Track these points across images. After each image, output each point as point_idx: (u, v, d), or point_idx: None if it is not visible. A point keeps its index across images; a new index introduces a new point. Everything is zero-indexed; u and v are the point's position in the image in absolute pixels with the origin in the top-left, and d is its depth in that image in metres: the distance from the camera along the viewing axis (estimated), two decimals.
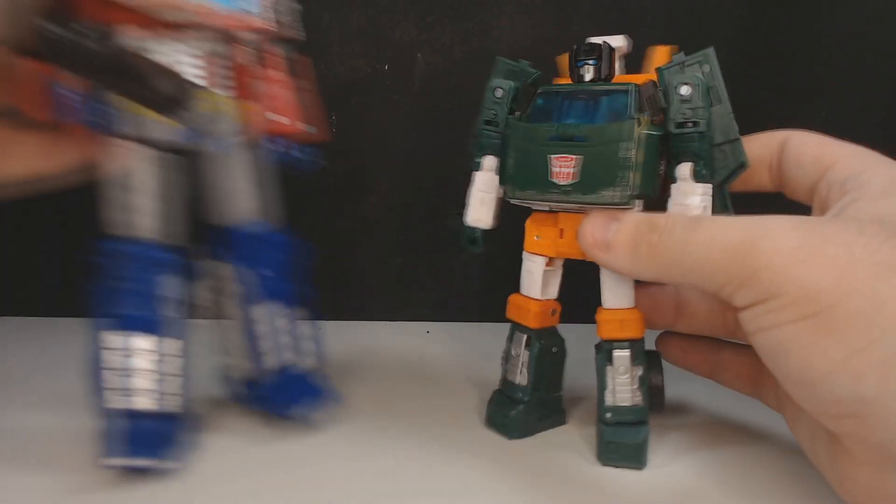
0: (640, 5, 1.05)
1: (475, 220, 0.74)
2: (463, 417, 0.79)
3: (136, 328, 0.61)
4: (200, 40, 0.62)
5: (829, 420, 0.54)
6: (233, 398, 0.77)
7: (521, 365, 0.74)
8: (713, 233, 0.57)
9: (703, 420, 0.80)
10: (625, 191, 0.63)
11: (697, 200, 0.64)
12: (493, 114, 0.73)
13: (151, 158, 0.63)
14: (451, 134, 0.79)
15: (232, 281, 0.70)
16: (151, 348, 0.62)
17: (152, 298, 0.62)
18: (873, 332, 0.48)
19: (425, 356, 0.99)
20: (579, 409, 0.81)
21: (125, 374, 0.61)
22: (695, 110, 0.64)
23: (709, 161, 0.65)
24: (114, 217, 0.62)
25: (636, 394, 0.69)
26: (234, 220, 0.70)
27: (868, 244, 0.50)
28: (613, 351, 0.69)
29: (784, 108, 1.06)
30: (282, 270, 0.71)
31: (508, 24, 1.07)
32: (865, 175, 0.58)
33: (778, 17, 1.04)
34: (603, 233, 0.64)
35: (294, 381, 0.73)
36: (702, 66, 0.66)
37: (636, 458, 0.67)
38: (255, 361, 0.72)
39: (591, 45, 0.68)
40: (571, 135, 0.65)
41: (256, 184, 0.71)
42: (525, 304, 0.73)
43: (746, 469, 0.68)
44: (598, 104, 0.66)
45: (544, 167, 0.66)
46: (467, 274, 1.14)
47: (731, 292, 0.55)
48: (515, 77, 0.73)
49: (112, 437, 0.60)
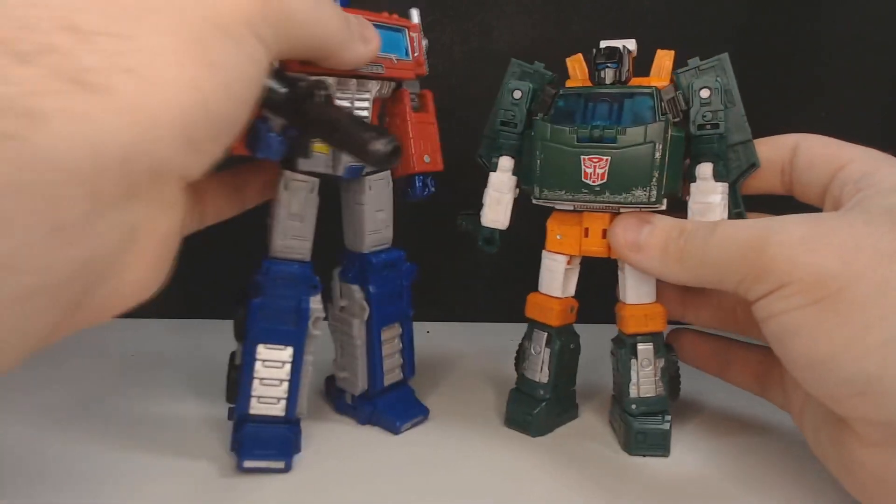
0: (640, 5, 1.07)
1: (492, 221, 0.75)
2: (481, 416, 0.80)
3: (287, 342, 0.67)
4: (375, 86, 0.68)
5: (835, 403, 0.56)
6: (339, 410, 0.80)
7: (541, 363, 0.75)
8: (729, 233, 0.60)
9: (717, 409, 0.83)
10: (655, 190, 0.66)
11: (718, 199, 0.67)
12: (512, 115, 0.73)
13: (312, 188, 0.68)
14: (451, 134, 0.79)
15: (361, 302, 0.74)
16: (291, 360, 0.67)
17: (302, 315, 0.67)
18: (877, 313, 0.51)
19: (429, 355, 0.99)
20: (584, 402, 0.83)
21: (272, 383, 0.67)
22: (714, 113, 0.67)
23: (726, 161, 0.68)
24: (275, 241, 0.67)
25: (658, 385, 0.72)
26: (370, 247, 0.75)
27: (873, 233, 0.53)
28: (638, 345, 0.71)
29: (784, 108, 1.07)
30: (406, 295, 0.78)
31: (509, 24, 1.08)
32: (878, 174, 0.61)
33: (778, 17, 1.07)
34: (635, 235, 0.66)
35: (403, 399, 0.79)
36: (717, 70, 0.69)
37: (662, 446, 0.70)
38: (373, 379, 0.76)
39: (610, 48, 0.70)
40: (601, 136, 0.67)
41: (390, 213, 0.75)
42: (546, 303, 0.74)
43: (763, 456, 0.71)
44: (623, 106, 0.68)
45: (576, 168, 0.67)
46: (470, 274, 1.15)
47: (747, 287, 0.58)
48: (530, 79, 0.75)
49: (251, 441, 0.65)
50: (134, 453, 0.69)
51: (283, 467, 0.66)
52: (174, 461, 0.67)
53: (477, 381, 0.90)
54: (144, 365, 0.92)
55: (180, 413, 0.78)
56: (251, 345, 0.66)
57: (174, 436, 0.72)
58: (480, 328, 1.11)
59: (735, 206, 0.70)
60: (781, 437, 0.76)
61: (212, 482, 0.64)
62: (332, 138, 0.58)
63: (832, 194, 0.66)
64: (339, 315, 0.76)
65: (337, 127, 0.56)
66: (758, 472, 0.68)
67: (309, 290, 0.67)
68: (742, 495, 0.64)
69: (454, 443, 0.73)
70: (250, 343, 0.66)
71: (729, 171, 0.68)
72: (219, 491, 0.63)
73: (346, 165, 0.68)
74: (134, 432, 0.73)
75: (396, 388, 0.79)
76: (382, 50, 0.67)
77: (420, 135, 0.74)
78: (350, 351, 0.76)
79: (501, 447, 0.72)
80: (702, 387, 0.88)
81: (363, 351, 0.75)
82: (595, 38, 0.72)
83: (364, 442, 0.73)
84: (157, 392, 0.83)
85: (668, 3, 1.06)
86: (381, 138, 0.54)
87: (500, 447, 0.72)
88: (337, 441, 0.73)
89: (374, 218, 0.74)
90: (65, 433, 0.72)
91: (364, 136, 0.54)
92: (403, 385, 0.80)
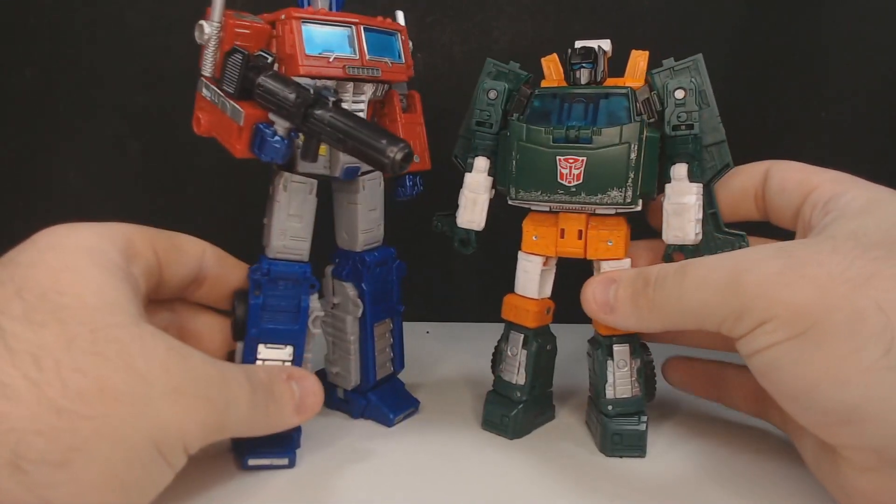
0: (640, 6, 1.06)
1: (468, 222, 0.75)
2: (460, 418, 0.80)
3: (287, 341, 0.68)
4: (370, 88, 0.70)
5: (823, 431, 0.56)
6: (332, 405, 0.80)
7: (518, 364, 0.75)
8: (702, 276, 0.60)
9: (693, 409, 0.82)
10: (631, 191, 0.66)
11: (693, 199, 0.67)
12: (487, 115, 0.73)
13: (311, 189, 0.68)
14: (450, 134, 0.79)
15: (355, 300, 0.75)
16: (292, 359, 0.68)
17: (301, 314, 0.68)
18: (853, 344, 0.51)
19: (426, 356, 0.99)
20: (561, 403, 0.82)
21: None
22: (689, 113, 0.67)
23: (701, 162, 0.68)
24: (274, 241, 0.68)
25: (635, 385, 0.72)
26: (363, 245, 0.76)
27: (841, 262, 0.53)
28: (613, 346, 0.71)
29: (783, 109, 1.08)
30: (396, 291, 0.79)
31: (508, 24, 1.08)
32: (846, 196, 0.61)
33: (776, 18, 1.06)
34: (604, 295, 0.66)
35: (394, 392, 0.80)
36: (691, 71, 0.69)
37: (639, 447, 0.70)
38: (366, 373, 0.77)
39: (585, 48, 0.70)
40: (577, 137, 0.66)
41: (382, 212, 0.77)
42: (523, 304, 0.74)
43: (739, 456, 0.71)
44: (598, 107, 0.68)
45: (552, 168, 0.67)
46: (467, 274, 1.15)
47: (730, 327, 0.57)
48: (506, 79, 0.74)
49: (253, 439, 0.64)
50: None
51: (286, 464, 0.67)
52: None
53: (459, 381, 0.90)
54: None
55: None
56: (252, 344, 0.67)
57: None
58: (467, 328, 1.11)
59: (710, 207, 0.70)
60: (757, 438, 0.75)
61: (216, 481, 0.64)
62: (344, 144, 0.59)
63: (803, 217, 0.66)
64: (331, 312, 0.77)
65: (350, 133, 0.58)
66: (734, 472, 0.68)
67: (308, 289, 0.68)
68: (718, 496, 0.64)
69: (436, 447, 0.73)
70: (251, 342, 0.67)
71: (703, 171, 0.68)
72: (224, 490, 0.63)
73: (344, 166, 0.69)
74: None
75: (387, 382, 0.80)
76: (378, 53, 0.69)
77: (410, 135, 0.75)
78: (343, 347, 0.77)
79: (478, 449, 0.72)
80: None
81: (356, 347, 0.77)
82: (594, 38, 0.71)
83: (359, 435, 0.74)
84: None
85: (668, 4, 1.06)
86: (394, 144, 0.56)
87: (477, 449, 0.72)
88: (332, 435, 0.74)
89: (368, 217, 0.75)
90: None
91: (379, 142, 0.56)
92: (393, 378, 0.82)
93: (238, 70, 0.60)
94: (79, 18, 1.04)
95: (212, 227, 1.12)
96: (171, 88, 1.04)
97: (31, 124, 1.07)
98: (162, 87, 1.06)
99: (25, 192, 1.09)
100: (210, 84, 0.63)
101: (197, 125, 0.64)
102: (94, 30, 1.05)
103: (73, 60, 1.05)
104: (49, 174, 1.09)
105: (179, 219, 1.08)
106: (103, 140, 1.08)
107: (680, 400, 0.84)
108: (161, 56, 1.05)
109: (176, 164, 1.09)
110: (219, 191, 1.10)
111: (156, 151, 1.09)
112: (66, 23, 1.04)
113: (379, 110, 0.76)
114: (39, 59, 1.05)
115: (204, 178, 1.09)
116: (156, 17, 1.04)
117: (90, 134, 1.07)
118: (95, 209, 1.07)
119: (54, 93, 1.06)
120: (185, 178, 1.10)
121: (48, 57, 1.05)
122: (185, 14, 0.67)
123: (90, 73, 1.06)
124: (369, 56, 0.68)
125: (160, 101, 1.06)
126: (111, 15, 1.04)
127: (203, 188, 1.10)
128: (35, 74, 1.06)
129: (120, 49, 1.05)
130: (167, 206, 1.10)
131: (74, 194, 1.09)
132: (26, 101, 1.07)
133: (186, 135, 0.67)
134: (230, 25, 0.62)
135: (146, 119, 1.07)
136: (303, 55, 0.64)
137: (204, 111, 0.64)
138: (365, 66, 0.67)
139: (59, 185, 1.09)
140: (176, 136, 1.04)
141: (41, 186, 1.09)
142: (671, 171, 0.68)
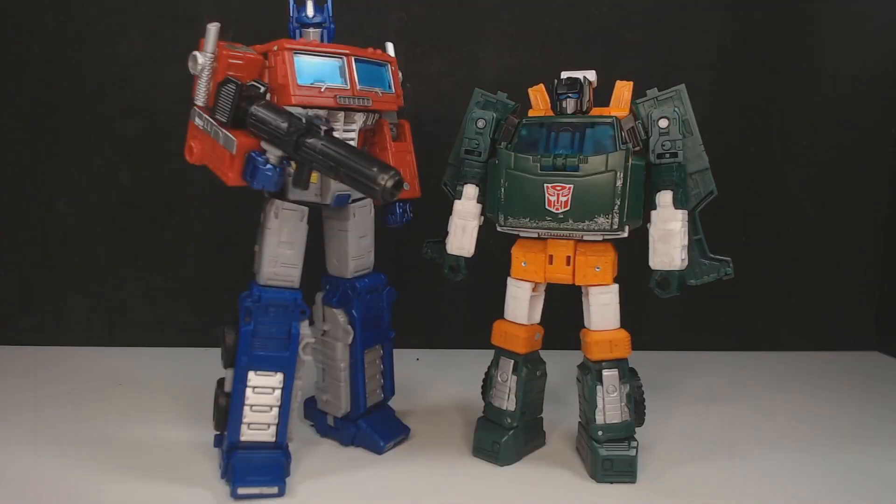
0: (623, 38, 1.09)
1: (458, 248, 0.75)
2: (451, 444, 0.80)
3: (277, 368, 0.67)
4: (361, 118, 0.71)
5: None
6: (322, 432, 0.81)
7: (508, 391, 0.75)
8: None
9: (684, 434, 0.83)
10: (618, 217, 0.67)
11: (678, 226, 0.68)
12: (476, 143, 0.74)
13: (302, 216, 0.69)
14: (440, 162, 0.80)
15: (346, 326, 0.75)
16: (282, 386, 0.68)
17: (292, 341, 0.68)
18: None
19: (416, 382, 0.99)
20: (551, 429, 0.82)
21: (262, 409, 0.67)
22: (673, 142, 0.68)
23: (686, 189, 0.69)
24: (265, 268, 0.67)
25: (624, 410, 0.72)
26: (354, 272, 0.76)
27: None
28: (603, 371, 0.71)
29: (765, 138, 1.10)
30: (388, 318, 0.80)
31: (495, 55, 1.10)
32: None
33: (758, 49, 1.09)
34: None
35: (384, 419, 0.80)
36: (674, 100, 0.71)
37: (629, 473, 0.70)
38: (356, 401, 0.77)
39: (572, 79, 0.71)
40: (564, 164, 0.68)
41: (372, 239, 0.77)
42: (512, 330, 0.75)
43: (731, 481, 0.71)
44: (584, 135, 0.70)
45: (540, 196, 0.68)
46: (456, 300, 1.15)
47: None
48: (493, 108, 0.76)
49: (243, 468, 0.65)
50: (126, 483, 0.68)
51: (276, 492, 0.66)
52: (168, 489, 0.67)
53: (449, 408, 0.90)
54: (130, 393, 0.92)
55: (171, 441, 0.77)
56: (242, 371, 0.67)
57: (166, 464, 0.72)
58: (457, 355, 1.11)
59: (695, 233, 0.71)
60: (749, 462, 0.75)
61: None
62: (336, 172, 0.59)
63: None
64: (321, 339, 0.77)
65: (341, 161, 0.58)
66: (725, 497, 0.68)
67: (299, 315, 0.68)
68: None
69: (426, 472, 0.72)
70: (241, 370, 0.67)
71: (688, 198, 0.70)
72: None
73: (335, 194, 0.70)
74: (125, 461, 0.72)
75: (377, 409, 0.80)
76: (369, 84, 0.70)
77: (400, 163, 0.76)
78: (333, 374, 0.77)
79: (469, 476, 0.72)
80: (668, 411, 0.89)
81: (346, 374, 0.76)
82: (580, 69, 0.73)
83: (350, 463, 0.74)
84: (146, 420, 0.83)
85: (651, 35, 1.09)
86: (385, 172, 0.57)
87: (468, 476, 0.72)
88: (322, 463, 0.74)
89: (358, 244, 0.76)
90: (55, 462, 0.72)
91: (370, 170, 0.57)
92: (384, 405, 0.81)
93: (231, 100, 0.61)
94: (71, 47, 1.06)
95: (203, 255, 1.13)
96: (163, 118, 1.06)
97: (22, 154, 1.08)
98: (153, 116, 1.07)
99: (15, 221, 1.09)
100: (203, 113, 0.64)
101: (189, 154, 0.65)
102: (86, 59, 1.06)
103: (65, 90, 1.06)
104: (39, 203, 1.09)
105: (171, 247, 1.10)
106: (94, 169, 1.08)
107: (670, 425, 0.85)
108: (153, 86, 1.06)
109: (167, 192, 1.09)
110: (210, 219, 1.10)
111: (147, 180, 1.09)
112: (58, 52, 1.06)
113: (369, 139, 0.77)
114: (31, 89, 1.06)
115: (195, 207, 1.10)
116: (149, 48, 1.06)
117: (81, 163, 1.08)
118: (86, 238, 1.09)
119: (46, 122, 1.07)
120: (176, 207, 1.10)
121: (39, 86, 1.06)
122: (178, 44, 0.68)
123: (82, 101, 1.07)
124: (360, 86, 0.69)
125: (152, 130, 1.07)
126: (104, 45, 1.05)
127: (194, 216, 1.10)
128: (26, 103, 1.07)
129: (112, 78, 1.06)
130: (158, 233, 1.10)
131: (64, 223, 1.09)
132: (17, 130, 1.07)
133: (179, 163, 0.68)
134: (223, 56, 0.63)
135: (138, 148, 1.08)
136: (295, 85, 0.65)
137: (196, 140, 0.64)
138: (356, 95, 0.68)
139: (50, 215, 1.09)
140: (168, 165, 1.06)
141: (32, 216, 1.09)
142: (656, 198, 0.69)
